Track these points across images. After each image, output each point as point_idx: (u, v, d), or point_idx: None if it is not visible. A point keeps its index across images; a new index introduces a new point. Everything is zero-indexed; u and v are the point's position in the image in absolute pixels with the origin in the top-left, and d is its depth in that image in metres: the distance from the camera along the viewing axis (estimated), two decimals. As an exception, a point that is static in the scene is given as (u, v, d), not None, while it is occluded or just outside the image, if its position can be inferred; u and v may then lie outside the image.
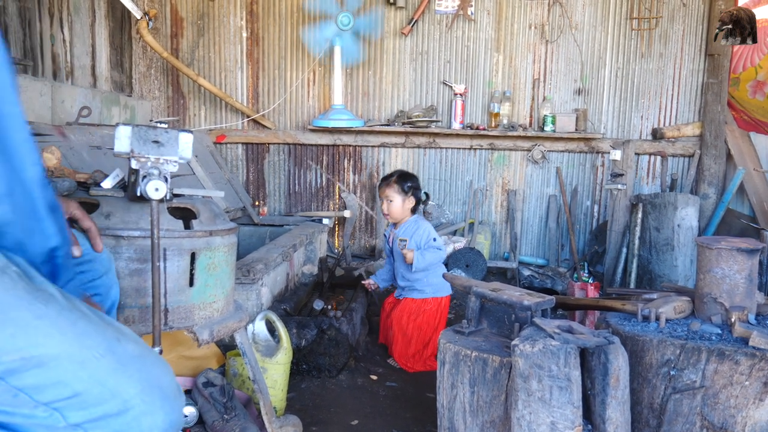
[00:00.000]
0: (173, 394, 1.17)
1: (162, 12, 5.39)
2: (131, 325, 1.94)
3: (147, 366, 1.15)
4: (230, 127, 5.57)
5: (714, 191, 5.45)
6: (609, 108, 5.58)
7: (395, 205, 3.65)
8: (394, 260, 3.78)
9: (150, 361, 1.16)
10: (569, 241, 5.52)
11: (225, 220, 2.22)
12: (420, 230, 3.65)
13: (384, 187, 3.69)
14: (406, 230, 3.68)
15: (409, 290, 3.66)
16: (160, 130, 1.83)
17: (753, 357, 1.85)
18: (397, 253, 3.71)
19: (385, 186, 3.69)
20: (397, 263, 3.74)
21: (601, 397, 1.76)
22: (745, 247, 2.04)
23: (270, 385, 2.65)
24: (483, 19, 5.47)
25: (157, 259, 1.75)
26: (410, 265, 3.53)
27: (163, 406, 1.12)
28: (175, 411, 1.15)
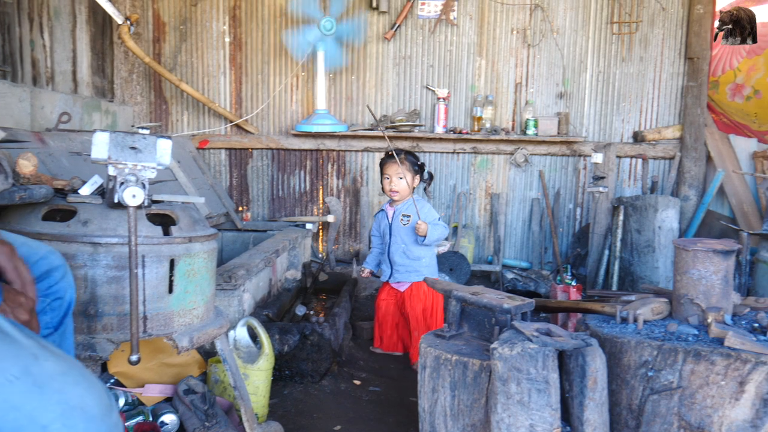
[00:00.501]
0: (99, 414, 1.08)
1: (144, 17, 5.37)
2: (109, 333, 1.93)
3: (68, 385, 1.06)
4: (213, 133, 5.55)
5: (694, 193, 5.51)
6: (590, 111, 5.62)
7: (404, 182, 3.63)
8: (391, 240, 3.71)
9: (72, 379, 1.07)
10: (552, 244, 5.55)
11: (205, 226, 2.22)
12: (426, 207, 3.67)
13: (390, 164, 3.64)
14: (408, 207, 3.67)
15: (406, 272, 3.66)
16: (138, 136, 1.83)
17: (728, 357, 1.87)
18: (398, 231, 3.68)
19: (391, 163, 3.63)
20: (397, 242, 3.69)
21: (579, 399, 1.77)
22: (721, 249, 2.07)
23: (252, 391, 2.64)
24: (465, 23, 5.50)
25: (134, 266, 1.74)
26: (416, 240, 3.59)
27: (86, 428, 1.04)
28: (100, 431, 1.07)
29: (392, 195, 3.69)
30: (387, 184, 3.68)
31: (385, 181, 3.69)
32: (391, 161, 3.65)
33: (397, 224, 3.67)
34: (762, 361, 1.86)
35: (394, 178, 3.64)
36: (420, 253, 3.66)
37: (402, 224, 3.65)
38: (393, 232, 3.71)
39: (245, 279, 3.10)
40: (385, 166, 3.69)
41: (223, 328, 2.25)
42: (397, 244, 3.69)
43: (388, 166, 3.66)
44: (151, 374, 2.68)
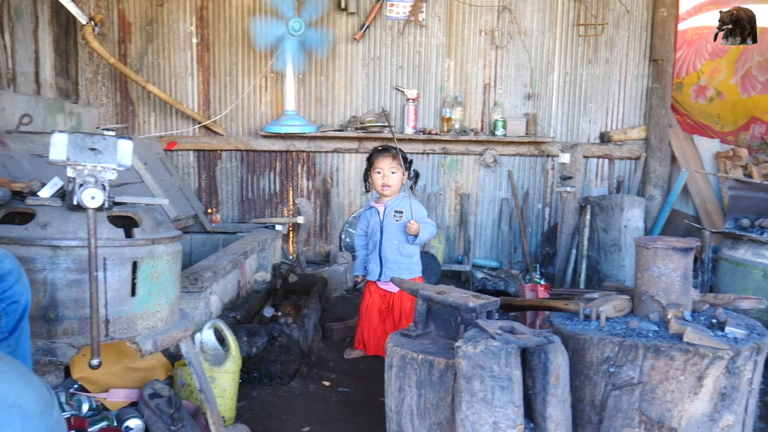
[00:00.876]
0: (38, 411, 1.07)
1: (109, 17, 5.29)
2: (70, 337, 1.90)
3: (3, 383, 1.05)
4: (181, 134, 5.50)
5: (659, 193, 5.61)
6: (558, 112, 5.69)
7: (397, 177, 3.54)
8: (383, 237, 3.60)
9: (8, 378, 1.07)
10: (521, 244, 5.60)
11: (169, 228, 2.19)
12: (416, 204, 3.60)
13: (383, 158, 3.54)
14: (400, 203, 3.59)
15: (399, 270, 3.55)
16: (97, 137, 1.80)
17: (687, 352, 1.90)
18: (391, 228, 3.57)
19: (384, 157, 3.54)
20: (389, 239, 3.58)
21: (541, 396, 1.79)
22: (680, 246, 2.11)
23: (219, 394, 2.62)
24: (434, 24, 5.53)
25: (95, 269, 1.72)
26: (408, 238, 3.51)
27: (24, 427, 1.04)
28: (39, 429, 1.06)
29: (384, 190, 3.56)
30: (379, 178, 3.55)
31: (377, 176, 3.56)
32: (383, 155, 3.54)
33: (390, 220, 3.56)
34: (719, 356, 1.90)
35: (387, 172, 3.53)
36: (412, 251, 3.60)
37: (395, 220, 3.55)
38: (385, 228, 3.59)
39: (212, 281, 3.07)
40: (377, 160, 3.56)
41: (188, 331, 2.23)
42: (389, 241, 3.58)
43: (381, 160, 3.54)
44: (115, 379, 2.64)
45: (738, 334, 2.00)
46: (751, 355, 1.97)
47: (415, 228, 3.43)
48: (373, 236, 3.64)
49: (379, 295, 3.66)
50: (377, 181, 3.56)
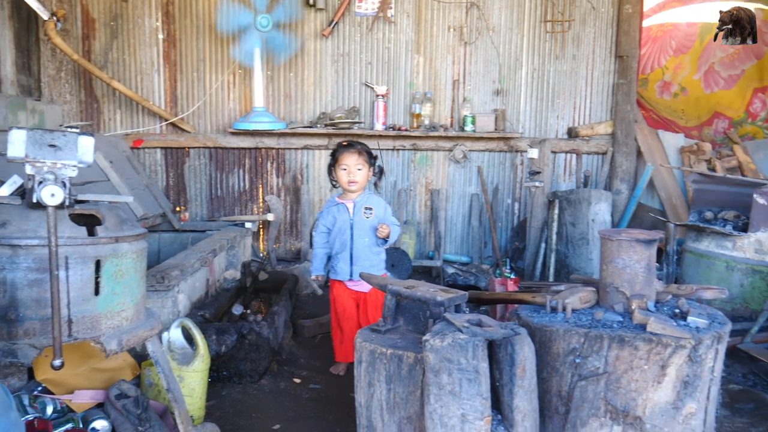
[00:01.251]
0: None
1: (72, 13, 5.19)
2: (32, 338, 1.86)
3: None
4: (148, 132, 5.42)
5: (626, 187, 5.69)
6: (526, 108, 5.74)
7: (363, 174, 3.40)
8: (354, 234, 3.42)
9: None
10: (492, 239, 5.64)
11: (133, 226, 2.16)
12: (382, 202, 3.50)
13: (348, 154, 3.38)
14: (369, 200, 3.45)
15: (371, 268, 3.35)
16: (57, 133, 1.77)
17: (650, 342, 1.94)
18: (363, 225, 3.41)
19: (350, 153, 3.39)
20: (362, 236, 3.42)
21: (508, 387, 1.81)
22: (643, 238, 2.14)
23: (187, 393, 2.60)
24: (403, 21, 5.53)
25: (55, 268, 1.69)
26: (378, 240, 3.39)
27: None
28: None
29: (350, 186, 3.40)
30: (345, 174, 3.39)
31: (342, 172, 3.40)
32: (348, 151, 3.39)
33: (360, 218, 3.41)
34: (681, 345, 1.93)
35: (353, 169, 3.38)
36: (380, 248, 3.49)
37: (365, 218, 3.40)
38: (356, 226, 3.42)
39: (179, 279, 3.04)
40: (342, 156, 3.40)
41: (154, 330, 2.21)
42: (361, 239, 3.42)
43: (346, 156, 3.38)
44: (81, 380, 2.60)
45: (700, 324, 2.04)
46: (713, 344, 2.01)
47: (386, 232, 3.34)
48: (342, 234, 3.46)
49: (350, 297, 3.49)
50: (343, 177, 3.41)
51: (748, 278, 3.95)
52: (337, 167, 3.43)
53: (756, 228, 3.89)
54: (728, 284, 3.99)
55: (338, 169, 3.42)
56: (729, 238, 3.99)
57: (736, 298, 3.99)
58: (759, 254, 3.91)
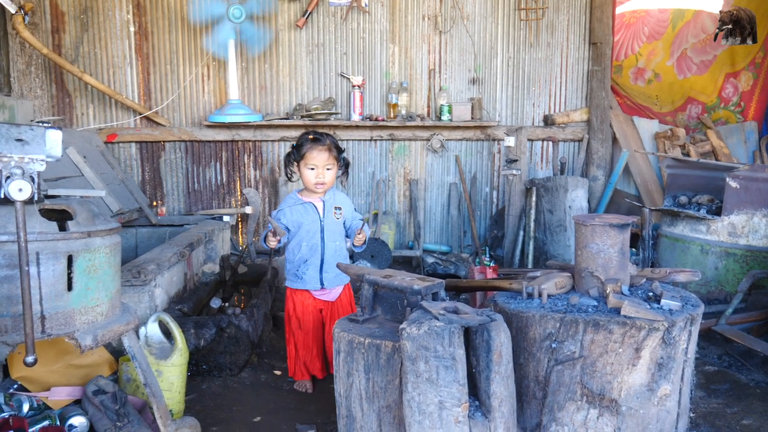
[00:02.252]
0: None
1: (40, 6, 5.09)
2: (3, 335, 1.84)
3: None
4: (122, 126, 5.35)
5: (602, 173, 5.74)
6: (502, 96, 5.76)
7: (332, 173, 2.97)
8: (325, 237, 2.99)
9: None
10: (471, 227, 5.66)
11: (106, 220, 2.14)
12: (348, 198, 3.15)
13: (318, 152, 2.91)
14: (336, 199, 3.05)
15: (338, 274, 3.01)
16: (24, 127, 1.74)
17: (624, 325, 1.96)
18: (333, 227, 3.02)
19: (319, 151, 2.91)
20: (332, 239, 3.02)
21: (485, 374, 1.82)
22: (617, 223, 2.17)
23: (166, 387, 2.58)
24: (377, 10, 5.51)
25: (25, 264, 1.67)
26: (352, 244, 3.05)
27: None
28: None
29: (318, 188, 2.95)
30: (312, 175, 2.92)
31: (309, 172, 2.92)
32: (318, 148, 2.90)
33: (331, 219, 3.00)
34: (655, 327, 1.96)
35: (321, 169, 2.91)
36: (346, 251, 3.13)
37: (336, 218, 3.01)
38: (327, 228, 3.00)
39: (156, 274, 3.01)
40: (310, 154, 2.91)
41: (130, 325, 2.19)
42: (333, 242, 3.01)
43: (315, 154, 2.90)
44: (57, 377, 2.57)
45: (673, 306, 2.07)
46: (686, 326, 2.05)
47: (363, 239, 3.01)
48: (311, 238, 2.98)
49: (315, 308, 3.07)
50: (309, 178, 2.93)
51: (723, 261, 4.02)
52: (303, 164, 2.95)
53: (729, 211, 3.95)
54: (703, 267, 4.05)
55: (304, 167, 2.95)
56: (703, 221, 4.05)
57: (711, 281, 4.05)
58: (732, 237, 3.97)
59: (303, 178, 2.99)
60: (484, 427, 1.82)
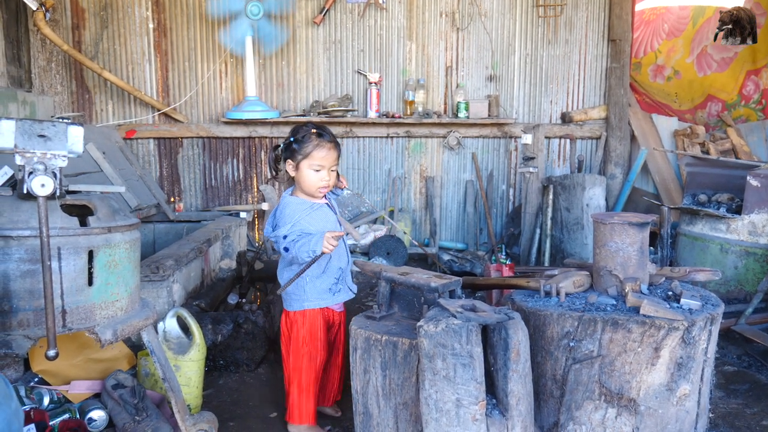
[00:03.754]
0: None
1: (61, 2, 5.14)
2: (26, 329, 1.86)
3: None
4: (140, 122, 5.39)
5: (620, 171, 5.70)
6: (520, 93, 5.73)
7: (334, 176, 2.56)
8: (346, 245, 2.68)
9: None
10: (487, 225, 5.65)
11: (126, 216, 2.15)
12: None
13: (327, 152, 2.47)
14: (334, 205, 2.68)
15: (345, 290, 2.65)
16: (47, 123, 1.76)
17: (644, 325, 1.95)
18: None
19: (329, 150, 2.48)
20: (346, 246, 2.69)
21: (503, 372, 1.82)
22: (636, 221, 2.15)
23: (184, 382, 2.60)
24: (394, 7, 5.50)
25: (47, 259, 1.68)
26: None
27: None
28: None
29: (319, 193, 2.51)
30: (316, 178, 2.47)
31: (312, 174, 2.46)
32: (326, 145, 2.47)
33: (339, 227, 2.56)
34: (674, 326, 1.94)
35: (327, 171, 2.49)
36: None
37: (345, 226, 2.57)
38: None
39: (174, 269, 3.03)
40: (317, 153, 2.46)
41: (149, 320, 2.20)
42: (347, 249, 2.69)
43: (324, 155, 2.47)
44: (77, 371, 2.61)
45: (693, 306, 2.05)
46: (706, 326, 2.03)
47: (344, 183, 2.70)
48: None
49: (324, 327, 2.60)
50: (312, 181, 2.47)
51: (742, 260, 3.97)
52: (304, 164, 2.47)
53: (749, 210, 3.91)
54: (722, 267, 4.01)
55: (305, 168, 2.47)
56: (723, 220, 4.00)
57: (730, 281, 4.01)
58: (753, 236, 3.92)
59: (301, 180, 2.49)
60: (501, 425, 1.81)
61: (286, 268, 2.55)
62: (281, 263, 2.62)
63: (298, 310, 2.55)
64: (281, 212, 2.51)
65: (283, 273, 2.59)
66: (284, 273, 2.57)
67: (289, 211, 2.48)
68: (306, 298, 2.53)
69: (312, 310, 2.54)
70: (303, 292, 2.53)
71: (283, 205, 2.52)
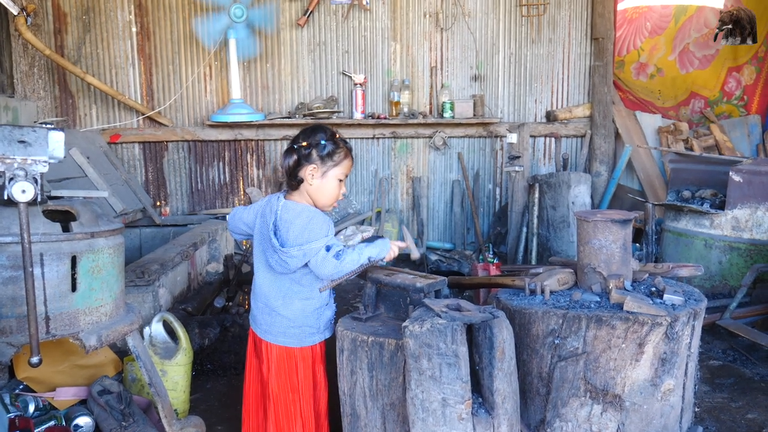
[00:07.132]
0: None
1: (42, 7, 5.10)
2: (8, 336, 1.85)
3: None
4: (125, 126, 5.36)
5: (605, 169, 5.73)
6: (504, 93, 5.75)
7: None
8: None
9: None
10: (474, 224, 5.66)
11: (109, 221, 2.14)
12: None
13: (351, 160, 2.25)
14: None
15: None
16: (27, 129, 1.75)
17: (627, 321, 1.96)
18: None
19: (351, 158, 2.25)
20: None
21: (488, 370, 1.82)
22: (618, 218, 2.17)
23: (171, 387, 2.59)
24: (378, 8, 5.51)
25: (29, 265, 1.67)
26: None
27: None
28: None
29: (335, 206, 2.35)
30: (336, 189, 2.22)
31: (335, 185, 2.20)
32: (350, 155, 2.24)
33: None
34: (658, 322, 1.96)
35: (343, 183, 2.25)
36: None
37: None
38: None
39: (160, 274, 3.02)
40: (347, 163, 2.22)
41: (134, 325, 2.20)
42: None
43: (350, 165, 2.24)
44: (63, 377, 2.59)
45: (676, 301, 2.07)
46: (689, 321, 2.04)
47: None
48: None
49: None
50: (333, 192, 2.21)
51: (726, 255, 4.01)
52: (331, 173, 2.19)
53: (733, 205, 3.94)
54: (707, 262, 4.04)
55: (331, 177, 2.19)
56: (706, 216, 4.04)
57: (714, 276, 4.05)
58: (736, 231, 3.96)
59: (323, 188, 2.18)
60: (487, 423, 1.82)
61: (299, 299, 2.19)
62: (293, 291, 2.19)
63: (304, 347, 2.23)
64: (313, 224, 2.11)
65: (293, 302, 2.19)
66: (294, 303, 2.19)
67: (322, 221, 2.13)
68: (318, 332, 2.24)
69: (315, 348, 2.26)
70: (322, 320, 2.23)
71: (310, 216, 2.12)
